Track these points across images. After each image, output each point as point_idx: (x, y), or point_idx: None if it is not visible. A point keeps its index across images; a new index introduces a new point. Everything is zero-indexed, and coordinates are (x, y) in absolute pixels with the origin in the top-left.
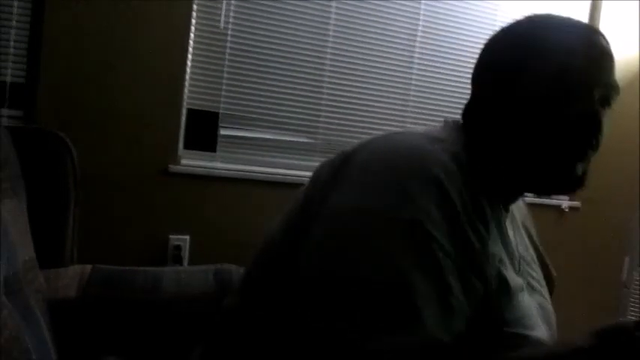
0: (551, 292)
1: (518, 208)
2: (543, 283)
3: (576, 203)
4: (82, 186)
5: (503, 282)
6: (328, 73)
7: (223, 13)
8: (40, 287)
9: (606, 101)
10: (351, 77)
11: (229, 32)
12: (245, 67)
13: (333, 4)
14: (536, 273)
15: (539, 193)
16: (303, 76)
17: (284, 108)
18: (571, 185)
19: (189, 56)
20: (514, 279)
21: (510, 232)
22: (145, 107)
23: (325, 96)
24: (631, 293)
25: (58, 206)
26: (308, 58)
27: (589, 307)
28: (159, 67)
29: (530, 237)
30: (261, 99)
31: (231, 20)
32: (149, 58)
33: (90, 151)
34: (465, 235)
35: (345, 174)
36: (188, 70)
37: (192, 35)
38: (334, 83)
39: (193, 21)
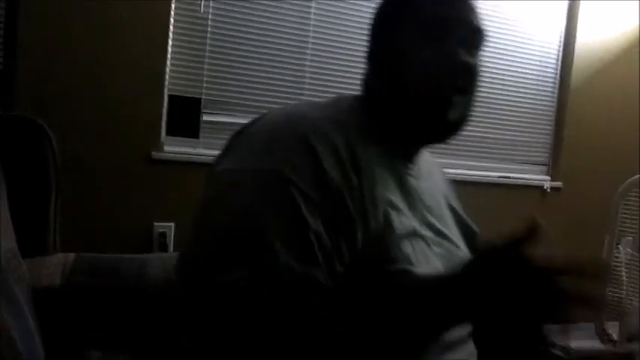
0: (477, 247)
1: (438, 174)
2: (457, 235)
3: (558, 183)
4: (64, 174)
5: (388, 223)
6: (310, 57)
7: None
8: (24, 276)
9: (466, 42)
10: (333, 60)
11: (210, 17)
12: (227, 51)
13: None
14: (450, 227)
15: (421, 141)
16: (285, 60)
17: (267, 93)
18: (443, 131)
19: (170, 42)
20: (404, 222)
21: (418, 185)
22: (126, 94)
23: (307, 80)
24: (611, 270)
25: (38, 195)
26: (290, 42)
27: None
28: (139, 53)
29: (447, 198)
30: (244, 84)
31: (211, 5)
32: (129, 43)
33: (71, 138)
34: (332, 182)
35: (233, 144)
36: (169, 55)
37: (172, 20)
38: (316, 67)
39: (173, 6)
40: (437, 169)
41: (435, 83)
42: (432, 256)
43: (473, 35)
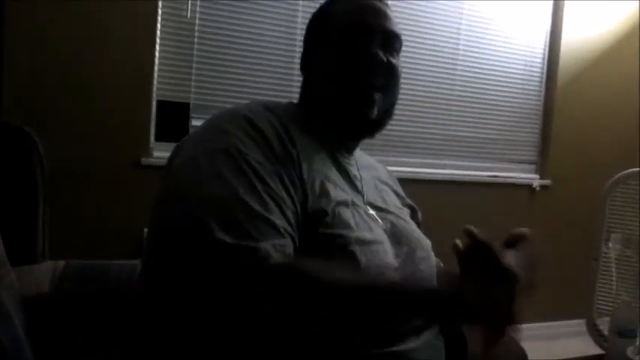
0: (419, 222)
1: (381, 171)
2: (405, 213)
3: (547, 182)
4: (52, 181)
5: (325, 192)
6: (298, 60)
7: (189, 2)
8: (12, 284)
9: (382, 44)
10: None
11: (197, 21)
12: (214, 56)
13: None
14: (393, 205)
15: (349, 137)
16: (273, 63)
17: (255, 96)
18: (367, 127)
19: (157, 47)
20: (340, 193)
21: (357, 172)
22: (114, 100)
23: (296, 82)
24: (600, 266)
25: (26, 202)
26: (277, 45)
27: (561, 280)
28: (127, 59)
29: (389, 185)
30: (232, 88)
31: (198, 9)
32: (116, 49)
33: (60, 145)
34: (277, 152)
35: (182, 144)
36: (156, 61)
37: (159, 25)
38: None
39: (159, 10)
40: (380, 166)
41: (354, 83)
42: (373, 224)
43: (389, 38)
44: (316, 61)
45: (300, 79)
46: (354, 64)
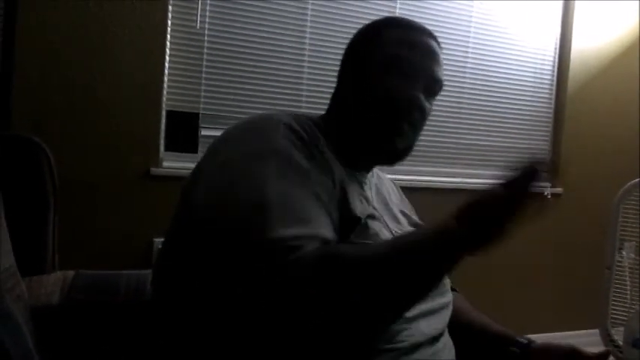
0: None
1: (388, 185)
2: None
3: (558, 190)
4: (63, 192)
5: (356, 202)
6: (307, 70)
7: (199, 13)
8: (22, 295)
9: (425, 87)
10: (330, 72)
11: (206, 32)
12: (223, 66)
13: (310, 0)
14: (401, 223)
15: (371, 161)
16: (282, 73)
17: (264, 106)
18: (391, 156)
19: (167, 57)
20: (367, 206)
21: (370, 192)
22: (124, 111)
23: (305, 92)
24: (613, 275)
25: (36, 213)
26: (286, 55)
27: (574, 290)
28: (136, 70)
29: (397, 205)
30: (241, 98)
31: (207, 20)
32: (126, 60)
33: (69, 156)
34: (315, 157)
35: (218, 144)
36: (166, 71)
37: (168, 37)
38: (313, 79)
39: (169, 22)
40: (390, 185)
41: (390, 111)
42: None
43: (433, 84)
44: (357, 82)
45: (309, 89)
46: (394, 101)
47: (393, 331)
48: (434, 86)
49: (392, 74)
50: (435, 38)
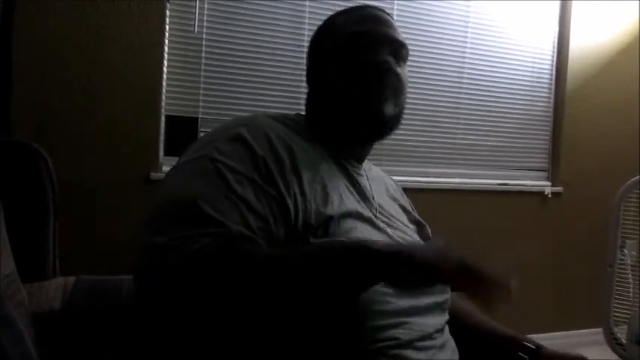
0: (427, 237)
1: (389, 184)
2: (407, 225)
3: (558, 188)
4: (63, 197)
5: (329, 201)
6: (304, 73)
7: (197, 17)
8: (23, 301)
9: (394, 54)
10: None
11: (204, 36)
12: (222, 70)
13: (307, 2)
14: (399, 219)
15: (358, 138)
16: (281, 76)
17: (262, 110)
18: (379, 125)
19: (165, 62)
20: (345, 204)
21: (367, 183)
22: (123, 116)
23: (303, 95)
24: (615, 273)
25: (37, 219)
26: (284, 59)
27: (576, 289)
28: (135, 75)
29: (396, 199)
30: (240, 101)
31: (205, 24)
32: (125, 65)
33: (69, 161)
34: (262, 161)
35: (182, 154)
36: (165, 76)
37: (166, 41)
38: None
39: (167, 26)
40: (389, 180)
41: (366, 88)
42: (378, 235)
43: (397, 47)
44: (325, 71)
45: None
46: (365, 71)
47: (385, 327)
48: (399, 49)
49: (355, 51)
50: (381, 10)
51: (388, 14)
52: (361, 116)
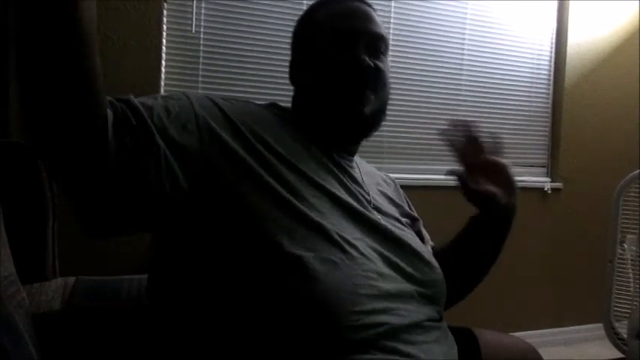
0: (419, 230)
1: (382, 179)
2: (400, 220)
3: (558, 184)
4: (62, 198)
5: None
6: None
7: (194, 17)
8: (23, 302)
9: (370, 48)
10: None
11: (202, 36)
12: (220, 69)
13: (305, 2)
14: (391, 211)
15: (342, 135)
16: (279, 76)
17: None
18: (360, 125)
19: (163, 62)
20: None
21: (358, 175)
22: None
23: None
24: (615, 268)
25: (36, 220)
26: (283, 58)
27: (576, 284)
28: (133, 76)
29: (385, 194)
30: None
31: (202, 24)
32: (122, 67)
33: None
34: (203, 122)
35: None
36: (163, 75)
37: (164, 41)
38: None
39: (164, 26)
40: (381, 175)
41: (344, 88)
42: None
43: (374, 41)
44: (304, 70)
45: None
46: (341, 71)
47: (373, 311)
48: (376, 42)
49: (332, 50)
50: (362, 1)
51: (369, 5)
52: (341, 118)
